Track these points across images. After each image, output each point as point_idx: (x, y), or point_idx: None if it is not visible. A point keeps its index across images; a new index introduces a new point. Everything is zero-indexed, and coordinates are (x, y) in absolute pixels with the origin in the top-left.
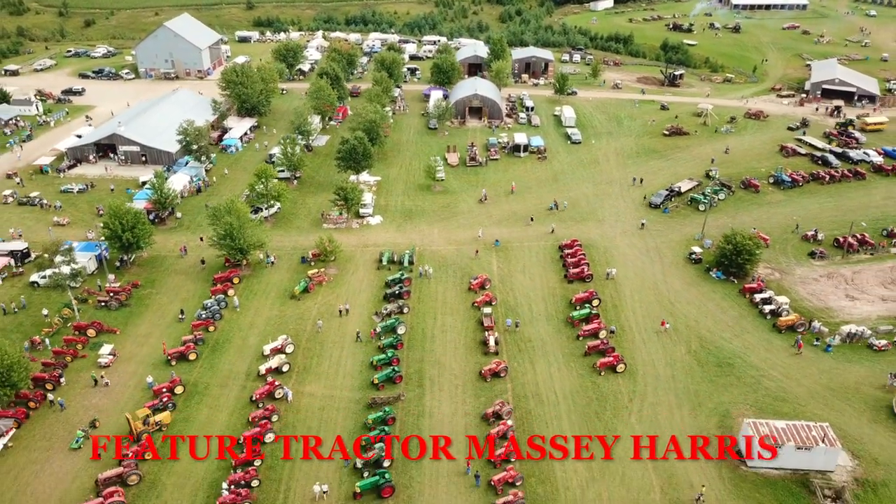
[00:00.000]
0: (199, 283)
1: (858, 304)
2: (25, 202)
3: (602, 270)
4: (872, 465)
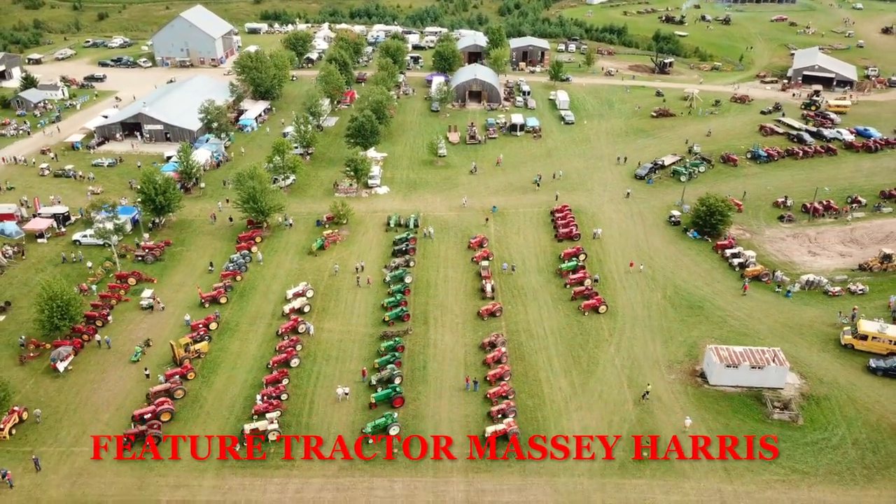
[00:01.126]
0: (224, 242)
1: (819, 259)
2: (61, 174)
3: (589, 231)
4: (818, 383)
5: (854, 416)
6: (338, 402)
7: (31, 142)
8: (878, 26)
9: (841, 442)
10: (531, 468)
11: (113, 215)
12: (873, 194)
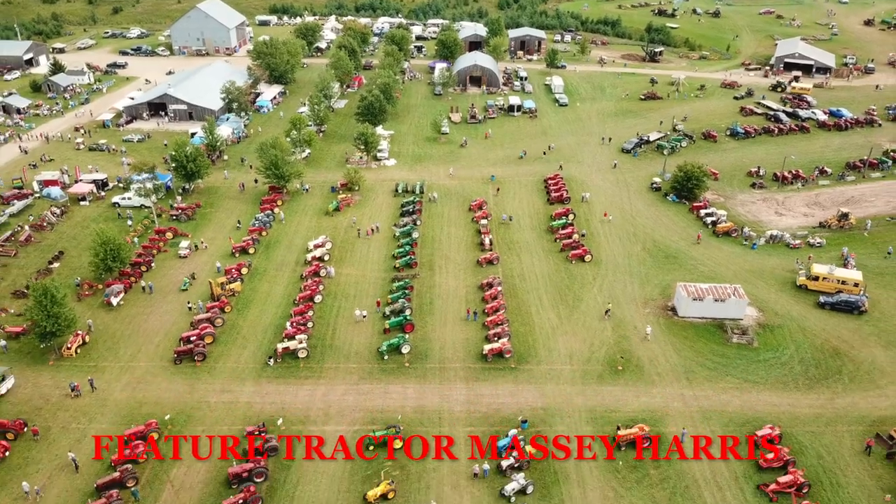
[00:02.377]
0: (249, 205)
1: (784, 219)
2: (94, 148)
3: (578, 195)
4: (773, 315)
5: (802, 340)
6: (356, 322)
7: (63, 121)
8: (861, 19)
9: (789, 360)
10: (522, 377)
11: (153, 177)
12: (840, 165)
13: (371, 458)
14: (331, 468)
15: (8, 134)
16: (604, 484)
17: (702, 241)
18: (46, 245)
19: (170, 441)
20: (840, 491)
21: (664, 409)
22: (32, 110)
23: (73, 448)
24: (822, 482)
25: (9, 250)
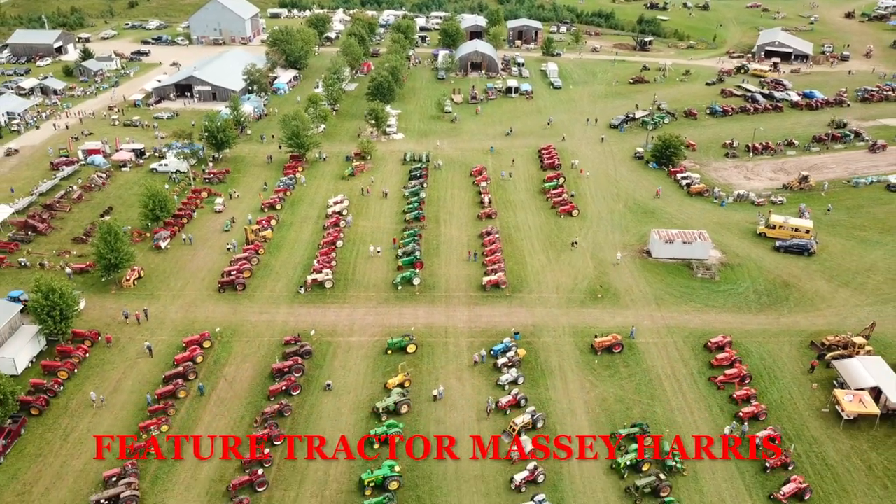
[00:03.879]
0: (272, 171)
1: (752, 182)
2: (129, 124)
3: (568, 163)
4: (734, 256)
5: (757, 275)
6: (372, 258)
7: (96, 101)
8: (843, 12)
9: (745, 290)
10: (515, 303)
11: (190, 143)
12: (807, 139)
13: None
14: (359, 366)
15: (48, 112)
16: (582, 378)
17: (661, 195)
18: (95, 203)
19: (223, 346)
20: (776, 382)
21: (635, 324)
22: (67, 92)
23: (140, 354)
24: (762, 375)
25: (64, 206)
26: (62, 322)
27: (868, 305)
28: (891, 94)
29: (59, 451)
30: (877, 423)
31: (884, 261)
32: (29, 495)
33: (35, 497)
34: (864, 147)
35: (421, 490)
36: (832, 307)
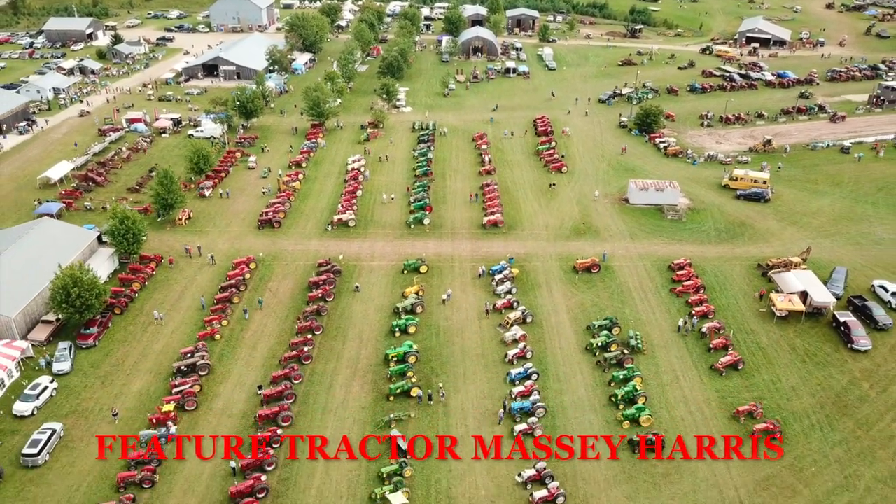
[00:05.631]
0: (296, 138)
1: (722, 146)
2: (163, 98)
3: (559, 130)
4: (700, 203)
5: (718, 217)
6: (387, 204)
7: (131, 80)
8: (824, 2)
9: (707, 228)
10: (511, 237)
11: (225, 110)
12: (776, 111)
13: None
14: (380, 281)
15: (89, 89)
16: (565, 289)
17: (628, 152)
18: (142, 162)
19: (265, 267)
20: (725, 291)
21: (611, 254)
22: (103, 72)
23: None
24: (714, 287)
25: (116, 163)
26: (134, 244)
27: (810, 239)
28: (857, 75)
29: (141, 338)
30: (803, 318)
31: (829, 206)
32: (122, 367)
33: (127, 367)
34: (826, 118)
35: (434, 363)
36: (780, 240)
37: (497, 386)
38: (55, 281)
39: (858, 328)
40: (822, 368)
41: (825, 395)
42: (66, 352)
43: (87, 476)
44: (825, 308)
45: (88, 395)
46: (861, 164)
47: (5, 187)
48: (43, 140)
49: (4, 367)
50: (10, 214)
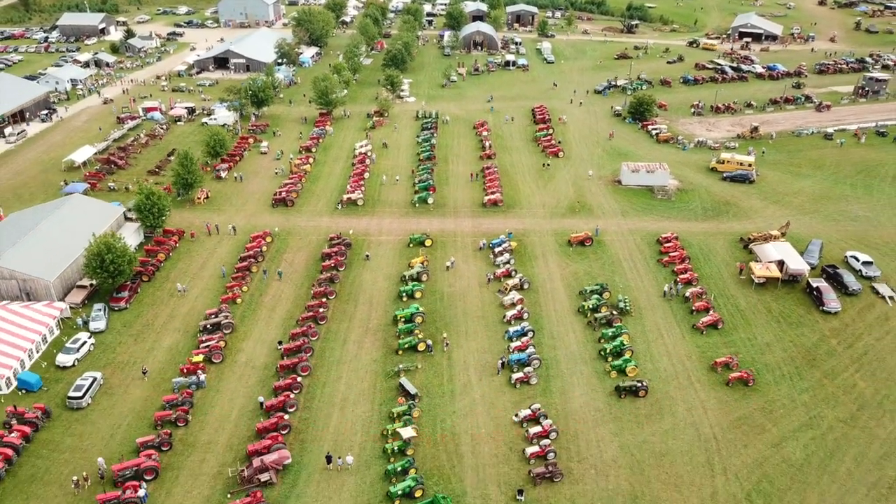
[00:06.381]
0: (305, 126)
1: (712, 133)
2: (177, 89)
3: (556, 118)
4: (689, 184)
5: (705, 196)
6: (391, 184)
7: (145, 72)
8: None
9: (693, 206)
10: (510, 215)
11: (238, 98)
12: (764, 101)
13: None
14: (388, 253)
15: (105, 80)
16: (559, 260)
17: (622, 138)
18: (160, 147)
19: (280, 241)
20: (709, 262)
21: (604, 229)
22: (117, 65)
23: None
24: (699, 258)
25: (136, 148)
26: (159, 217)
27: (790, 216)
28: (844, 67)
29: (168, 303)
30: (779, 285)
31: (810, 187)
32: (152, 326)
33: (157, 327)
34: (812, 108)
35: (438, 323)
36: (762, 217)
37: (496, 342)
38: (90, 248)
39: (830, 292)
40: (794, 328)
41: (796, 350)
42: (100, 312)
43: (127, 416)
44: (800, 275)
45: (123, 350)
46: (843, 150)
47: (32, 170)
48: (64, 127)
49: (46, 325)
50: (39, 194)
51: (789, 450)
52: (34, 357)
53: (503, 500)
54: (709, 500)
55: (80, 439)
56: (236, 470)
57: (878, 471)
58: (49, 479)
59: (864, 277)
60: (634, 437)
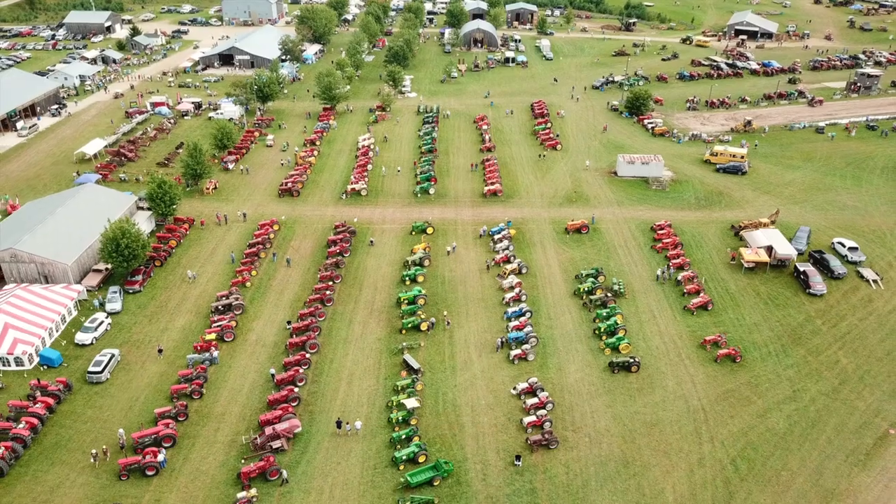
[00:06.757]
0: (310, 121)
1: (706, 127)
2: (183, 85)
3: (554, 113)
4: (683, 175)
5: (699, 187)
6: (384, 175)
7: (151, 68)
8: None
9: (688, 197)
10: (509, 205)
11: (244, 92)
12: (758, 96)
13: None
14: (392, 242)
15: (112, 77)
16: (556, 247)
17: (618, 132)
18: (168, 141)
19: (287, 228)
20: (701, 248)
21: (599, 218)
22: (124, 62)
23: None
24: (691, 244)
25: (145, 141)
26: (170, 206)
27: (780, 205)
28: (837, 64)
29: (180, 286)
30: (767, 269)
31: (801, 179)
32: (166, 307)
33: (170, 309)
34: (804, 103)
35: (440, 305)
36: (753, 207)
37: (496, 322)
38: (105, 233)
39: (816, 276)
40: (781, 309)
41: (782, 329)
42: (116, 294)
43: (144, 390)
44: (788, 260)
45: (138, 330)
46: (834, 143)
47: (44, 162)
48: (74, 121)
49: (65, 305)
50: (52, 185)
51: (773, 420)
52: (54, 336)
53: (501, 465)
54: (696, 465)
55: (100, 411)
56: (250, 437)
57: (856, 439)
58: (72, 446)
59: (849, 262)
60: (627, 409)
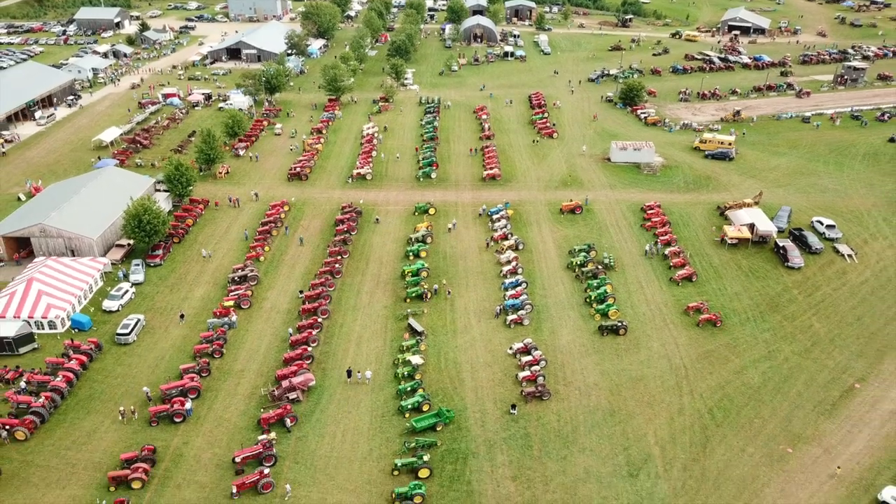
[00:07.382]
0: (315, 111)
1: (697, 116)
2: (192, 78)
3: (550, 104)
4: (673, 161)
5: (688, 172)
6: (383, 161)
7: (161, 62)
8: None
9: (677, 180)
10: (507, 188)
11: (253, 83)
12: (748, 88)
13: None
14: (396, 221)
15: (123, 70)
16: (551, 226)
17: (612, 121)
18: (180, 129)
19: (297, 209)
20: (687, 226)
21: (593, 199)
22: (135, 56)
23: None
24: (679, 224)
25: (158, 130)
26: (186, 187)
27: (765, 188)
28: (827, 58)
29: (198, 261)
30: (749, 245)
31: (786, 164)
32: (185, 279)
33: (189, 280)
34: (792, 94)
35: (442, 276)
36: (739, 190)
37: (494, 292)
38: (128, 210)
39: (794, 250)
40: (761, 280)
41: (761, 298)
42: (139, 266)
43: (168, 350)
44: (769, 236)
45: (161, 298)
46: (819, 132)
47: (63, 149)
48: (89, 112)
49: (92, 276)
50: (71, 169)
51: (749, 376)
52: (83, 303)
53: (498, 414)
54: (676, 414)
55: (129, 368)
56: (268, 389)
57: (824, 392)
58: (105, 398)
59: (826, 239)
60: (614, 366)
